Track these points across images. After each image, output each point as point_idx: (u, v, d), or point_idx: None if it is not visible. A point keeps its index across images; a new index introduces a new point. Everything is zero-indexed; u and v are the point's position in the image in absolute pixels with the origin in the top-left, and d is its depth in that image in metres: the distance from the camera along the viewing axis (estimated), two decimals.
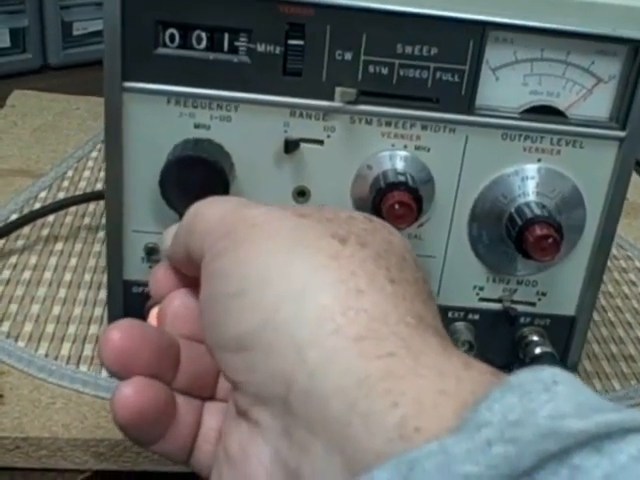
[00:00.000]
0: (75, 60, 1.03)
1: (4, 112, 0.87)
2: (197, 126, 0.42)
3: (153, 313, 0.46)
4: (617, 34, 0.42)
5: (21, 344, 0.54)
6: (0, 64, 0.97)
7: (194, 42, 0.40)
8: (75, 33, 1.03)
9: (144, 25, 0.40)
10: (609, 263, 0.69)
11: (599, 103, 0.44)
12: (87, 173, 0.77)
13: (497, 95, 0.43)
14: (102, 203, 0.70)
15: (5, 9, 0.95)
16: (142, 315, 0.46)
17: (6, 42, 0.96)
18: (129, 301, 0.47)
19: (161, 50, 0.41)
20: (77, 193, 0.73)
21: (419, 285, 0.27)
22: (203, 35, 0.40)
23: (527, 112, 0.44)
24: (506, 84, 0.43)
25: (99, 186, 0.75)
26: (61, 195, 0.73)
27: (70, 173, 0.77)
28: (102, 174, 0.77)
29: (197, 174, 0.40)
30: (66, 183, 0.75)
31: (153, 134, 0.42)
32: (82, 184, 0.75)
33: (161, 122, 0.42)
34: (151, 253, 0.45)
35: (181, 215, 0.41)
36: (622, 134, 0.44)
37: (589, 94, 0.44)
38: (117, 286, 0.46)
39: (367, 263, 0.26)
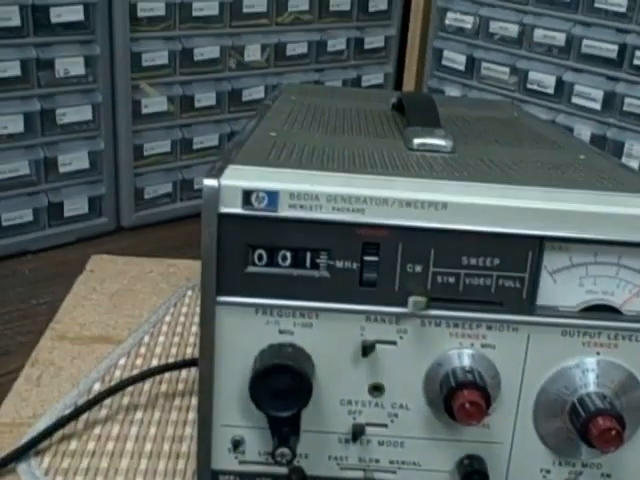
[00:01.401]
0: (146, 221, 1.11)
1: (84, 278, 0.93)
2: (282, 332, 0.47)
3: None
4: None
5: None
6: (78, 229, 1.05)
7: (279, 260, 0.45)
8: (146, 197, 1.11)
9: (237, 248, 0.45)
10: None
11: None
12: (162, 339, 0.82)
13: (556, 296, 0.47)
14: (176, 372, 0.74)
15: (83, 180, 1.04)
16: None
17: (85, 209, 1.04)
18: None
19: (251, 269, 0.45)
20: (153, 359, 0.78)
21: None
22: (288, 254, 0.45)
23: (585, 310, 0.47)
24: (564, 286, 0.47)
25: (173, 351, 0.80)
26: (139, 361, 0.77)
27: (146, 339, 0.81)
28: (175, 339, 0.82)
29: (284, 380, 0.44)
30: (143, 349, 0.80)
31: (242, 340, 0.47)
32: (158, 350, 0.80)
33: (249, 329, 0.46)
34: (238, 445, 0.49)
35: (267, 414, 0.46)
36: None
37: None
38: (206, 475, 0.50)
39: None
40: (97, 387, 0.72)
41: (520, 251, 0.46)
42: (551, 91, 1.14)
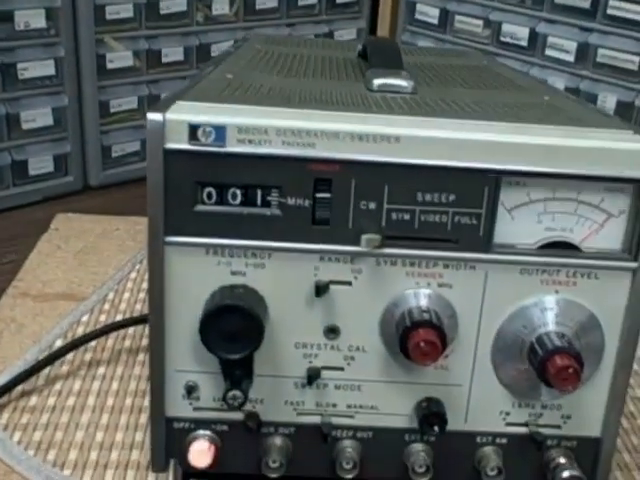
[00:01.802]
0: (114, 180, 1.09)
1: (48, 235, 0.92)
2: (233, 273, 0.45)
3: (193, 448, 0.49)
4: (623, 175, 0.45)
5: (67, 472, 0.56)
6: (44, 188, 1.03)
7: (230, 199, 0.44)
8: (114, 155, 1.09)
9: (184, 185, 0.43)
10: (631, 381, 0.69)
11: (611, 236, 0.47)
12: (127, 295, 0.81)
13: (513, 233, 0.46)
14: (141, 327, 0.73)
15: (48, 137, 1.02)
16: (182, 450, 0.49)
17: (50, 167, 1.02)
18: (170, 436, 0.49)
19: (200, 207, 0.44)
20: (118, 315, 0.77)
21: None
22: (238, 192, 0.44)
23: (543, 247, 0.46)
24: (521, 222, 0.46)
25: (138, 307, 0.79)
26: (102, 318, 0.76)
27: (111, 295, 0.80)
28: (141, 295, 0.81)
29: (234, 321, 0.43)
30: (107, 306, 0.79)
31: (193, 282, 0.45)
32: (122, 306, 0.79)
33: (200, 271, 0.45)
34: (191, 391, 0.48)
35: (220, 357, 0.45)
36: (635, 265, 0.47)
37: (601, 228, 0.47)
38: (159, 422, 0.49)
39: None
40: (59, 343, 0.71)
41: (476, 187, 0.44)
42: (524, 43, 1.13)
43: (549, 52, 1.10)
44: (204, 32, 1.13)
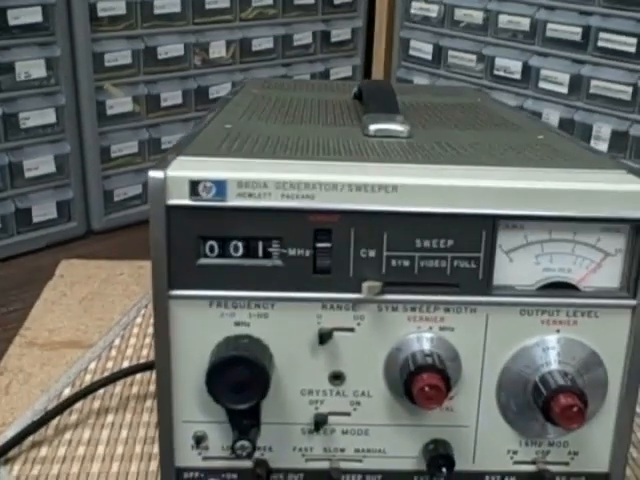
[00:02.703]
0: (117, 224, 1.10)
1: (54, 283, 0.93)
2: (237, 324, 0.46)
3: None
4: (618, 215, 0.45)
5: None
6: (48, 234, 1.04)
7: (232, 251, 0.45)
8: (116, 199, 1.10)
9: (187, 240, 0.44)
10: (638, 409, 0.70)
11: (609, 275, 0.47)
12: (133, 340, 0.81)
13: (512, 275, 0.47)
14: (148, 373, 0.73)
15: (51, 184, 1.03)
16: None
17: (53, 214, 1.03)
18: None
19: (202, 260, 0.45)
20: (125, 361, 0.77)
21: None
22: (239, 245, 0.45)
23: (542, 288, 0.47)
24: (520, 264, 0.47)
25: (145, 352, 0.79)
26: (110, 364, 0.77)
27: (117, 342, 0.81)
28: (147, 340, 0.81)
29: (241, 372, 0.43)
30: (114, 352, 0.79)
31: (198, 333, 0.46)
32: (129, 351, 0.79)
33: (204, 322, 0.46)
34: (200, 441, 0.48)
35: (227, 408, 0.45)
36: (634, 302, 0.47)
37: (599, 267, 0.47)
38: (170, 473, 0.49)
39: None
40: (67, 392, 0.72)
41: (474, 231, 0.45)
42: (518, 76, 1.14)
43: (542, 84, 1.12)
44: (202, 75, 1.14)
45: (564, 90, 1.09)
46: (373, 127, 0.55)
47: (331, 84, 1.03)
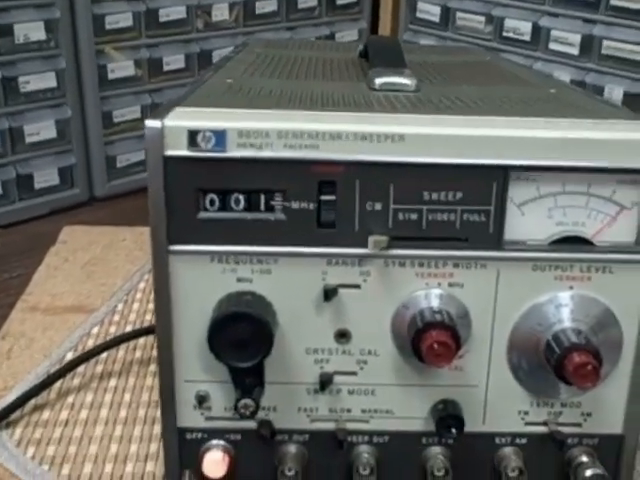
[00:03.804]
0: (120, 190, 1.09)
1: (56, 249, 0.91)
2: (240, 280, 0.45)
3: (207, 458, 0.48)
4: (635, 166, 0.43)
5: None
6: (51, 201, 1.02)
7: (233, 204, 0.43)
8: (118, 165, 1.08)
9: (186, 193, 0.43)
10: None
11: (624, 229, 0.46)
12: (136, 305, 0.80)
13: (524, 229, 0.45)
14: (151, 337, 0.72)
15: (52, 150, 1.02)
16: (196, 460, 0.48)
17: (55, 180, 1.02)
18: (183, 447, 0.48)
19: (202, 214, 0.43)
20: (127, 326, 0.76)
21: None
22: (241, 198, 0.43)
23: (555, 243, 0.45)
24: (532, 218, 0.45)
25: (148, 317, 0.78)
26: (113, 329, 0.76)
27: (120, 307, 0.80)
28: (150, 305, 0.80)
29: (243, 329, 0.42)
30: (117, 317, 0.78)
31: (199, 290, 0.45)
32: (132, 316, 0.78)
33: (206, 279, 0.44)
34: (202, 401, 0.47)
35: (229, 366, 0.44)
36: None
37: (614, 221, 0.46)
38: (172, 433, 0.48)
39: None
40: (69, 356, 0.71)
41: (484, 183, 0.43)
42: (528, 38, 1.12)
43: (553, 46, 1.09)
44: (205, 39, 1.12)
45: (575, 51, 1.07)
46: (379, 80, 0.54)
47: (336, 44, 1.01)
